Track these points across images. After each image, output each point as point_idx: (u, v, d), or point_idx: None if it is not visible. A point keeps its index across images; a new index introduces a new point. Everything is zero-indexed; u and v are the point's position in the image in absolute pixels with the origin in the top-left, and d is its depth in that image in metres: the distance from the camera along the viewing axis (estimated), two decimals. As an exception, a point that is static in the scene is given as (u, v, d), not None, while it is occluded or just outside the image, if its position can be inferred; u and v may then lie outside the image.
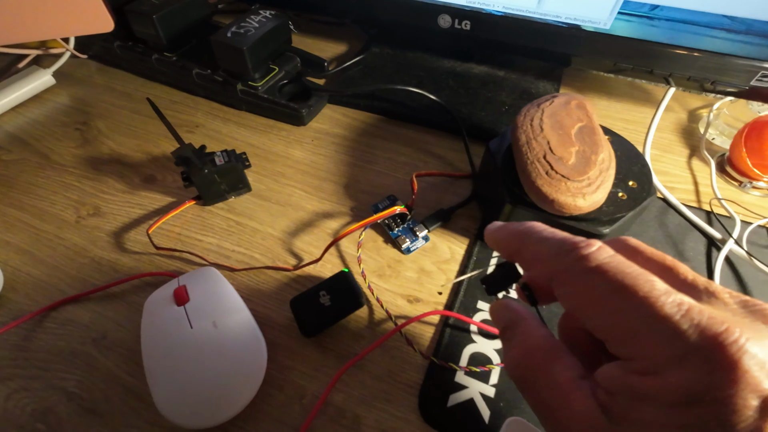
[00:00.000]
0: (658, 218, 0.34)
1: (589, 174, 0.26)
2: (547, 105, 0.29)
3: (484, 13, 0.38)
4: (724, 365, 0.11)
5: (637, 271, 0.13)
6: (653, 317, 0.12)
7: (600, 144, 0.27)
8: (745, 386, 0.11)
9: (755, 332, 0.12)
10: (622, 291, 0.13)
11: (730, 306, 0.13)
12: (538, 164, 0.26)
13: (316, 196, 0.36)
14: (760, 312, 0.13)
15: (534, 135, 0.28)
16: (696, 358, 0.12)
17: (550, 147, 0.27)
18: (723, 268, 0.31)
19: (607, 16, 0.34)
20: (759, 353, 0.11)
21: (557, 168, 0.26)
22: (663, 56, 0.34)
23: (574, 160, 0.26)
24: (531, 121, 0.29)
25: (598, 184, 0.26)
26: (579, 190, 0.26)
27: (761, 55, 0.32)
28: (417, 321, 0.27)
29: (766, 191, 0.36)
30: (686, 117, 0.44)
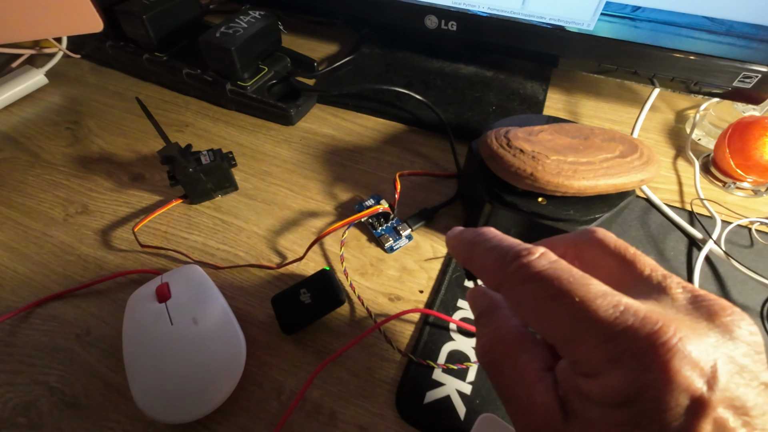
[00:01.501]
0: (641, 218, 0.34)
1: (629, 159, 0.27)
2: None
3: (470, 14, 0.38)
4: (655, 365, 0.11)
5: (575, 275, 0.14)
6: (588, 321, 0.12)
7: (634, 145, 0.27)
8: (676, 386, 0.11)
9: (693, 330, 0.12)
10: (560, 297, 0.13)
11: (678, 302, 0.13)
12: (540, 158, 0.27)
13: (301, 195, 0.36)
14: (706, 308, 0.13)
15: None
16: (629, 359, 0.12)
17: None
18: (703, 268, 0.31)
19: (590, 18, 0.34)
20: (692, 352, 0.11)
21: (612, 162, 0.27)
22: (646, 57, 0.35)
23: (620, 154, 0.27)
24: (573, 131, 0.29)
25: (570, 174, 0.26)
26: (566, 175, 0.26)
27: (742, 56, 0.32)
28: (397, 319, 0.28)
29: (749, 192, 0.37)
30: (673, 117, 0.44)
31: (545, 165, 0.26)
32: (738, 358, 0.12)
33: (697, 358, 0.11)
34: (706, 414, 0.11)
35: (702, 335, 0.12)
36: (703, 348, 0.12)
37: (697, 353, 0.11)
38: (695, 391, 0.11)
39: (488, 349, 0.16)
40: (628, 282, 0.15)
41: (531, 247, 0.15)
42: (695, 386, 0.11)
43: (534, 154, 0.26)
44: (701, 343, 0.12)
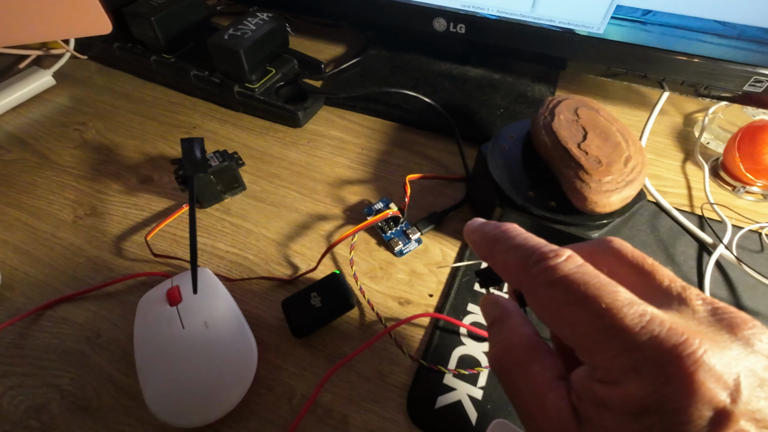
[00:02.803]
0: (650, 222, 0.34)
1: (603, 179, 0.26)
2: (579, 100, 0.30)
3: (479, 17, 0.38)
4: (678, 377, 0.11)
5: (602, 281, 0.14)
6: (613, 328, 0.12)
7: (617, 145, 0.27)
8: (700, 398, 0.11)
9: (715, 343, 0.12)
10: (585, 302, 0.13)
11: (699, 314, 0.13)
12: (573, 147, 0.27)
13: (310, 197, 0.36)
14: (728, 321, 0.13)
15: (563, 119, 0.29)
16: (653, 369, 0.12)
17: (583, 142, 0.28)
18: (713, 273, 0.31)
19: (601, 21, 0.34)
20: (716, 365, 0.11)
21: (586, 160, 0.27)
22: (656, 61, 0.35)
23: (595, 158, 0.27)
24: (565, 110, 0.30)
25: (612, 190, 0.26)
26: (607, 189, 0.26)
27: (753, 61, 0.32)
28: (407, 323, 0.28)
29: (759, 196, 0.37)
30: (682, 121, 0.44)
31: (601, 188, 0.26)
32: (759, 371, 0.12)
33: (721, 372, 0.11)
34: (729, 426, 0.11)
35: (725, 348, 0.12)
36: (726, 361, 0.12)
37: (721, 366, 0.11)
38: (719, 403, 0.11)
39: (500, 357, 0.17)
40: (646, 293, 0.15)
41: (558, 249, 0.15)
42: (719, 399, 0.11)
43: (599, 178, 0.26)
44: (724, 356, 0.12)
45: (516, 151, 0.31)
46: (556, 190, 0.28)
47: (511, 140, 0.32)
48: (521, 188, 0.29)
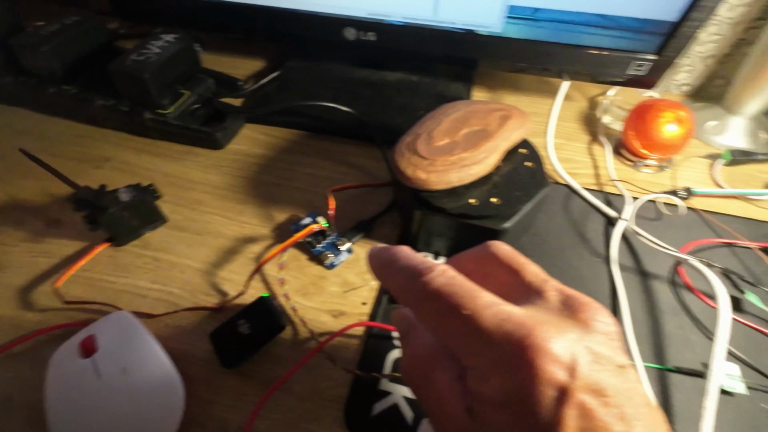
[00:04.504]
0: (563, 204, 0.37)
1: (436, 159, 0.28)
2: (477, 104, 0.31)
3: (386, 24, 0.39)
4: (524, 365, 0.13)
5: (467, 290, 0.15)
6: (476, 331, 0.14)
7: (477, 148, 0.28)
8: (542, 381, 0.12)
9: (558, 329, 0.13)
10: (454, 311, 0.14)
11: (552, 304, 0.15)
12: (411, 136, 0.29)
13: (236, 220, 0.35)
14: (572, 307, 0.15)
15: (436, 116, 0.30)
16: (507, 362, 0.13)
17: (435, 129, 0.29)
18: (620, 244, 0.33)
19: (498, 21, 0.36)
20: (556, 349, 0.13)
21: (419, 144, 0.29)
22: (551, 54, 0.37)
23: (439, 145, 0.28)
24: (450, 108, 0.31)
25: (438, 170, 0.28)
26: (415, 164, 0.28)
27: (632, 47, 0.35)
28: (341, 335, 0.28)
29: (656, 168, 0.40)
30: (587, 105, 0.47)
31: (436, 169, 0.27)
32: (595, 347, 0.14)
33: (559, 354, 0.13)
34: (569, 400, 0.12)
35: (565, 332, 0.14)
36: (565, 344, 0.13)
37: (560, 349, 0.13)
38: (558, 382, 0.13)
39: (407, 369, 0.18)
40: (516, 289, 0.17)
41: (433, 266, 0.16)
42: (558, 378, 0.13)
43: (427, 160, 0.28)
44: (563, 339, 0.13)
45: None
46: (471, 186, 0.29)
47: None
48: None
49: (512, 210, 0.29)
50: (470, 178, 0.29)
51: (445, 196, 0.29)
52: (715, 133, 0.43)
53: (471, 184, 0.29)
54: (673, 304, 0.30)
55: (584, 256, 0.33)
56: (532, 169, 0.31)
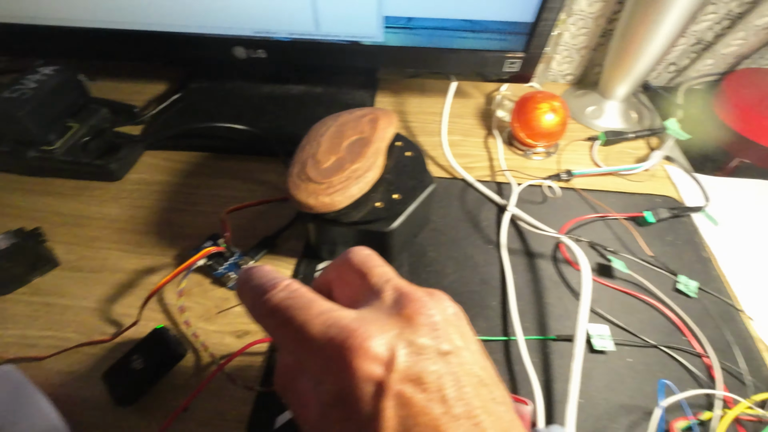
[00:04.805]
0: (459, 197, 0.39)
1: (332, 179, 0.28)
2: (345, 116, 0.32)
3: (274, 41, 0.39)
4: (344, 366, 0.14)
5: (303, 301, 0.16)
6: (306, 339, 0.15)
7: (362, 156, 0.30)
8: (359, 378, 0.14)
9: (380, 327, 0.15)
10: (289, 324, 0.15)
11: (386, 303, 0.16)
12: (297, 165, 0.29)
13: (136, 252, 0.34)
14: (401, 304, 0.16)
15: (312, 140, 0.30)
16: (332, 365, 0.14)
17: (317, 151, 0.30)
18: (509, 229, 0.36)
19: (377, 31, 0.38)
20: (374, 347, 0.14)
21: (308, 170, 0.29)
22: (432, 58, 0.39)
23: (328, 165, 0.29)
24: (320, 128, 0.31)
25: (338, 189, 0.28)
26: (315, 191, 0.28)
27: (502, 47, 0.38)
28: (243, 354, 0.28)
29: (544, 155, 0.44)
30: (484, 101, 0.50)
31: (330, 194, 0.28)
32: (417, 339, 0.15)
33: (376, 351, 0.14)
34: (386, 393, 0.14)
35: (387, 330, 0.15)
36: (383, 341, 0.14)
37: (377, 346, 0.14)
38: (375, 378, 0.14)
39: (276, 378, 0.18)
40: (362, 292, 0.17)
41: (277, 283, 0.16)
42: (374, 374, 0.14)
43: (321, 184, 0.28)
44: (384, 337, 0.14)
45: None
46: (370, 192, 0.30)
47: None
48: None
49: (397, 211, 0.30)
50: (368, 186, 0.30)
51: (353, 209, 0.30)
52: (594, 117, 0.47)
53: (370, 190, 0.30)
54: (555, 278, 0.33)
55: (478, 244, 0.36)
56: (417, 166, 0.33)
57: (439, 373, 0.14)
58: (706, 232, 0.37)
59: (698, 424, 0.25)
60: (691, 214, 0.38)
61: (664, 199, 0.39)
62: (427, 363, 0.14)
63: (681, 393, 0.26)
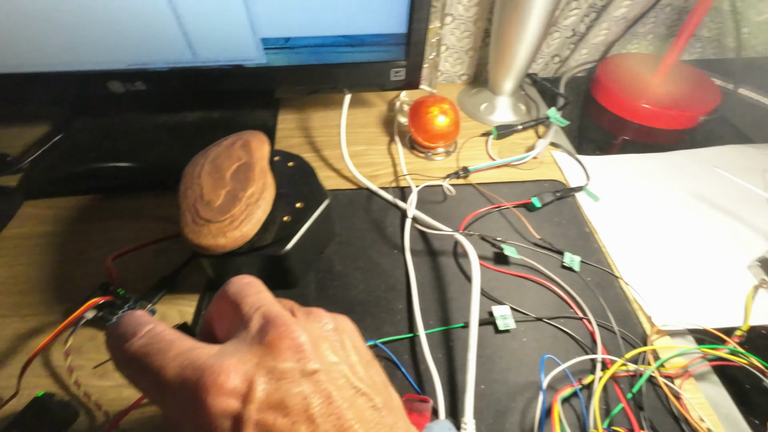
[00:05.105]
0: (365, 207, 0.40)
1: (233, 212, 0.28)
2: (213, 149, 0.31)
3: (151, 71, 0.38)
4: (199, 406, 0.14)
5: (162, 345, 0.15)
6: (162, 383, 0.14)
7: (252, 179, 0.30)
8: (214, 414, 0.13)
9: (239, 360, 0.14)
10: (147, 370, 0.15)
11: (251, 334, 0.16)
12: (188, 213, 0.28)
13: (17, 315, 0.32)
14: (265, 332, 0.15)
15: (191, 183, 0.29)
16: (188, 407, 0.14)
17: (202, 193, 0.29)
18: (412, 232, 0.37)
19: (258, 53, 0.38)
20: (228, 381, 0.14)
21: (202, 213, 0.28)
22: (320, 74, 0.40)
23: (222, 201, 0.28)
24: (194, 168, 0.30)
25: (243, 218, 0.28)
26: (220, 230, 0.27)
27: (386, 58, 0.40)
28: (139, 407, 0.27)
29: (444, 154, 0.46)
30: (386, 108, 0.52)
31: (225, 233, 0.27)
32: (278, 365, 0.15)
33: (232, 385, 0.14)
34: (245, 424, 0.13)
35: (245, 361, 0.15)
36: (240, 373, 0.14)
37: (232, 380, 0.14)
38: (231, 411, 0.14)
39: (162, 426, 0.17)
40: (236, 324, 0.17)
41: (139, 329, 0.16)
42: (231, 408, 0.14)
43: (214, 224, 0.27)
44: (240, 369, 0.14)
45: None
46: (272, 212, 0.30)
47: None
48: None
49: (293, 231, 0.30)
50: (270, 205, 0.30)
51: (263, 233, 0.29)
52: (487, 113, 0.50)
53: (272, 209, 0.30)
54: (457, 272, 0.35)
55: (385, 251, 0.37)
56: (306, 175, 0.34)
57: (304, 393, 0.14)
58: (588, 208, 0.40)
59: (581, 389, 0.28)
60: (574, 193, 0.41)
61: (551, 183, 0.43)
62: (290, 386, 0.14)
63: (564, 363, 0.28)
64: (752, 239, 0.38)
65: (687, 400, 0.28)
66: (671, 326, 0.31)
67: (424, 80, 0.51)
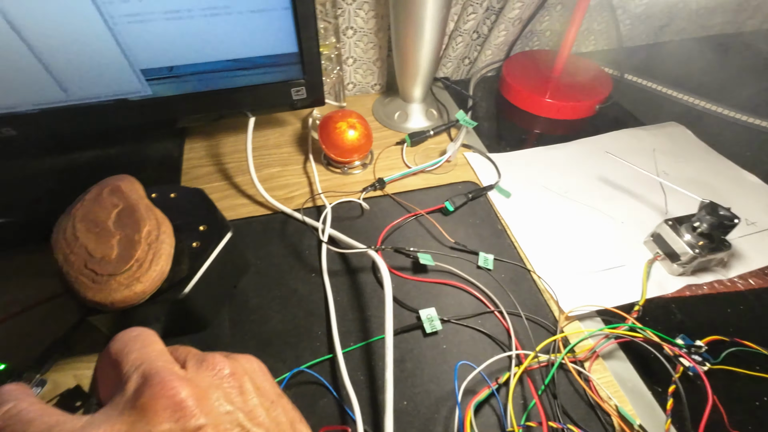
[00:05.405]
0: (280, 231, 0.39)
1: (137, 256, 0.26)
2: (78, 208, 0.29)
3: (21, 114, 0.34)
4: None
5: (17, 427, 0.14)
6: None
7: (142, 219, 0.28)
8: None
9: (112, 427, 0.14)
10: None
11: (126, 396, 0.15)
12: (82, 277, 0.26)
13: None
14: (140, 394, 0.14)
15: (70, 248, 0.27)
16: None
17: (88, 252, 0.26)
18: (330, 252, 0.37)
19: (141, 85, 0.35)
20: None
21: (101, 270, 0.25)
22: (215, 100, 0.38)
23: (118, 251, 0.26)
24: (64, 233, 0.28)
25: (151, 258, 0.27)
26: (131, 278, 0.26)
27: (283, 78, 0.39)
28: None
29: (360, 167, 0.46)
30: (300, 126, 0.51)
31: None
32: (154, 429, 0.14)
33: None
34: None
35: (117, 429, 0.14)
36: None
37: None
38: None
39: None
40: (115, 386, 0.16)
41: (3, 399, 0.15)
42: None
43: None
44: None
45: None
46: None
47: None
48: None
49: (188, 274, 0.29)
50: (172, 238, 0.29)
51: (178, 265, 0.28)
52: (401, 121, 0.51)
53: (177, 240, 0.29)
54: (376, 288, 0.35)
55: (302, 276, 0.35)
56: (200, 200, 0.33)
57: None
58: (501, 205, 0.42)
59: (498, 388, 0.28)
60: (486, 192, 0.43)
61: (465, 184, 0.44)
62: None
63: (479, 366, 0.28)
64: (648, 216, 0.41)
65: (595, 381, 0.29)
66: (577, 311, 0.33)
67: (330, 95, 0.51)
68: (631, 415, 0.28)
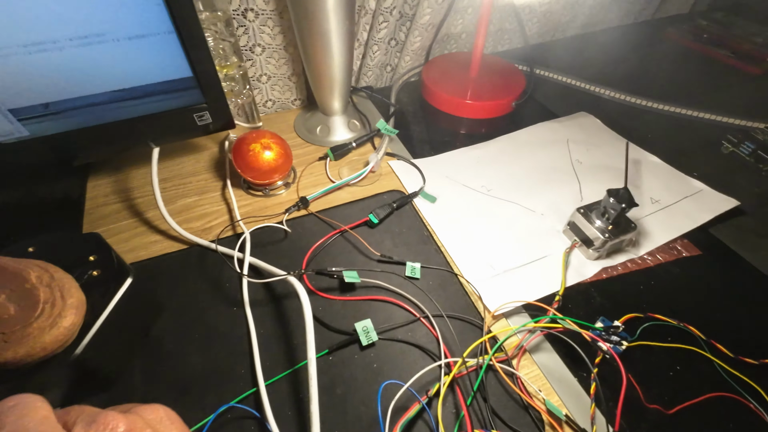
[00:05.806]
0: (198, 266, 0.36)
1: (42, 298, 0.24)
2: None
3: None
4: None
5: None
6: None
7: (21, 269, 0.25)
8: None
9: None
10: None
11: None
12: None
13: None
14: None
15: None
16: None
17: None
18: (251, 283, 0.35)
19: (13, 126, 0.32)
20: None
21: (8, 328, 0.23)
22: (112, 132, 0.35)
23: (15, 306, 0.24)
24: None
25: (60, 294, 0.25)
26: (51, 317, 0.24)
27: (182, 104, 0.36)
28: None
29: (282, 188, 0.44)
30: (218, 150, 0.48)
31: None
32: None
33: None
34: None
35: None
36: None
37: None
38: None
39: None
40: None
41: None
42: None
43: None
44: None
45: None
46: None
47: None
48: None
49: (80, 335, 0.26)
50: (68, 275, 0.27)
51: (100, 299, 0.27)
52: (324, 135, 0.50)
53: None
54: (300, 310, 0.33)
55: (222, 311, 0.33)
56: (95, 244, 0.30)
57: None
58: (426, 211, 0.42)
59: (428, 402, 0.28)
60: (412, 199, 0.43)
61: (390, 194, 0.44)
62: None
63: (407, 382, 0.28)
64: (566, 205, 0.43)
65: (523, 378, 0.30)
66: (503, 309, 0.34)
67: (241, 116, 0.49)
68: (558, 406, 0.28)
